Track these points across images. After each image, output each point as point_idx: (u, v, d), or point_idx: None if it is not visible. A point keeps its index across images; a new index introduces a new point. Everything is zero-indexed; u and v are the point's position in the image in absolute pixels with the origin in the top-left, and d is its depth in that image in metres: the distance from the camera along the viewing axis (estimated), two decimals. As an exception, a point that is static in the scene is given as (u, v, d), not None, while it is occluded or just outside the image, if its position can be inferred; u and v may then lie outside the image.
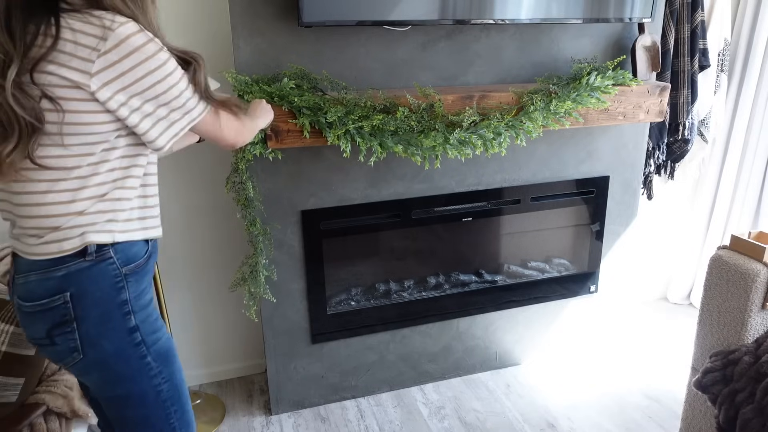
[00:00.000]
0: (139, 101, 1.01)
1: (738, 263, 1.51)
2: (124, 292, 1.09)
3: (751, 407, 1.36)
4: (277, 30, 1.76)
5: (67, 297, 1.04)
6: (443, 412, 2.17)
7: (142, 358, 1.12)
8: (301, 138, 1.72)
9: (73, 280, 1.04)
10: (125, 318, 1.09)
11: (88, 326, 1.06)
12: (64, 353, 1.08)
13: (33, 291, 1.05)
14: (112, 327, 1.08)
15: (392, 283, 2.24)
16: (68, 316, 1.05)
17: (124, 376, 1.12)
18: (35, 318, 1.06)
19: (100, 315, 1.07)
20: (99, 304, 1.06)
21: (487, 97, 1.86)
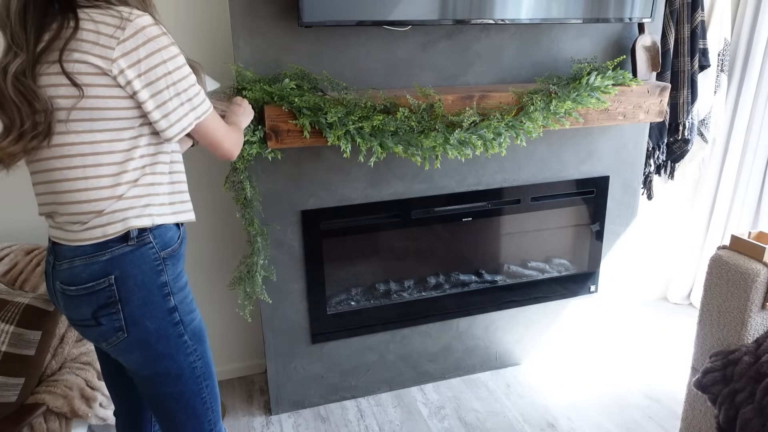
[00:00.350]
0: (152, 89, 1.07)
1: (738, 263, 1.51)
2: (164, 274, 1.15)
3: (751, 407, 1.36)
4: (277, 30, 1.76)
5: (111, 280, 1.10)
6: (443, 412, 2.18)
7: (180, 336, 1.19)
8: (301, 138, 1.72)
9: (117, 263, 1.10)
10: (165, 299, 1.16)
11: (132, 307, 1.12)
12: (109, 333, 1.14)
13: (78, 275, 1.10)
14: (153, 308, 1.14)
15: (392, 283, 2.24)
16: (113, 298, 1.11)
17: (164, 353, 1.18)
18: (81, 301, 1.12)
19: (142, 297, 1.13)
20: (141, 287, 1.12)
21: (487, 97, 1.86)
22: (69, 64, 1.02)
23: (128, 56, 1.03)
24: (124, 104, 1.06)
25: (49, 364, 1.58)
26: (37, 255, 1.74)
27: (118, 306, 1.12)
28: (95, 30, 1.02)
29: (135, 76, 1.04)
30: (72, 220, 1.10)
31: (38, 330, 1.52)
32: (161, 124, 1.10)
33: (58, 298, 1.17)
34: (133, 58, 1.03)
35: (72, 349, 1.61)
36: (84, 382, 1.55)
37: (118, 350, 1.17)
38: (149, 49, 1.04)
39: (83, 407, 1.53)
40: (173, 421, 1.25)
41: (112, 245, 1.10)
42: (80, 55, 1.02)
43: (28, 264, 1.72)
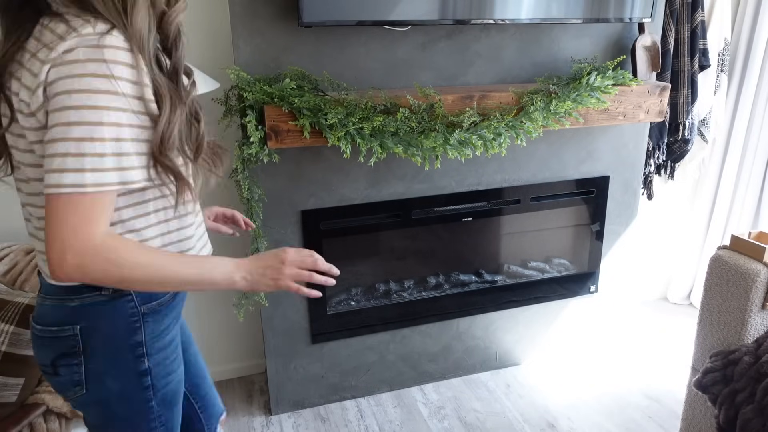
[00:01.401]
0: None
1: (738, 263, 1.51)
2: (140, 333, 1.01)
3: (752, 407, 1.36)
4: (277, 30, 1.76)
5: (77, 330, 0.97)
6: (443, 412, 2.17)
7: (147, 402, 1.05)
8: (301, 138, 1.72)
9: (86, 313, 0.97)
10: (137, 360, 1.02)
11: (96, 363, 0.99)
12: (67, 385, 1.01)
13: (45, 315, 0.99)
14: (120, 367, 1.01)
15: (392, 283, 2.24)
16: (76, 349, 0.98)
17: (123, 417, 1.05)
18: (43, 343, 1.00)
19: (110, 353, 1.00)
20: (110, 342, 1.00)
21: (487, 97, 1.86)
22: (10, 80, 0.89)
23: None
24: None
25: (49, 364, 1.58)
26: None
27: (81, 358, 0.98)
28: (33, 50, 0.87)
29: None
30: (44, 257, 0.90)
31: (38, 330, 1.52)
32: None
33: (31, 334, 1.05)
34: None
35: (72, 349, 1.61)
36: (84, 382, 1.55)
37: (74, 404, 1.05)
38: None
39: (83, 407, 1.53)
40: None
41: (84, 291, 0.96)
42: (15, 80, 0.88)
43: (28, 264, 1.72)
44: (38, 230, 0.98)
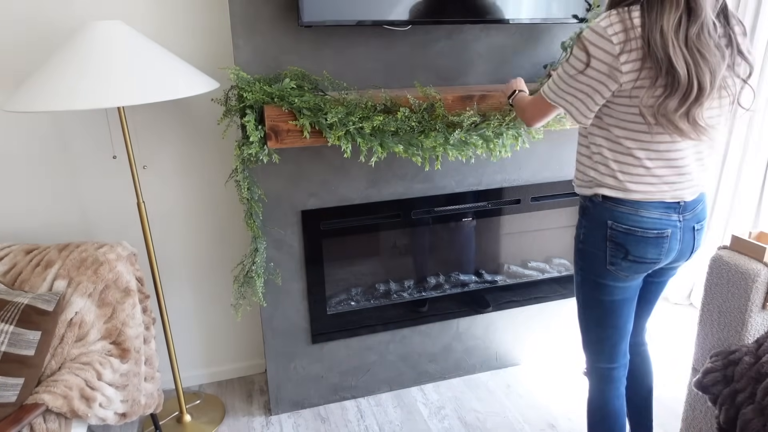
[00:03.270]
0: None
1: (738, 263, 1.50)
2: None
3: (752, 407, 1.36)
4: (277, 30, 1.76)
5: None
6: (443, 412, 2.17)
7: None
8: (301, 138, 1.72)
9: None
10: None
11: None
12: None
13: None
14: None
15: (392, 283, 2.24)
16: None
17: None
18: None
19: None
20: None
21: (487, 97, 1.86)
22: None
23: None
24: None
25: (49, 364, 1.57)
26: (36, 255, 1.74)
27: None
28: None
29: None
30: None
31: (38, 330, 1.52)
32: None
33: (695, 237, 1.40)
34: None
35: (71, 349, 1.60)
36: (84, 382, 1.55)
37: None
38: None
39: (83, 407, 1.53)
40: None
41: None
42: None
43: (28, 264, 1.72)
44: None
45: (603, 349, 1.52)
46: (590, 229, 1.40)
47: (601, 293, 1.44)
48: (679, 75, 1.18)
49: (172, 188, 2.09)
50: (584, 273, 1.46)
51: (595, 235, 1.39)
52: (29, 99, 1.46)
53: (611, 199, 1.35)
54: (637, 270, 1.39)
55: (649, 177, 1.32)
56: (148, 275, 2.08)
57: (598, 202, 1.37)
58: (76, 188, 1.99)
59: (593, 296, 1.46)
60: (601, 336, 1.50)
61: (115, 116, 1.94)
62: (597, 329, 1.50)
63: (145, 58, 1.57)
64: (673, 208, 1.34)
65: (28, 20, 1.77)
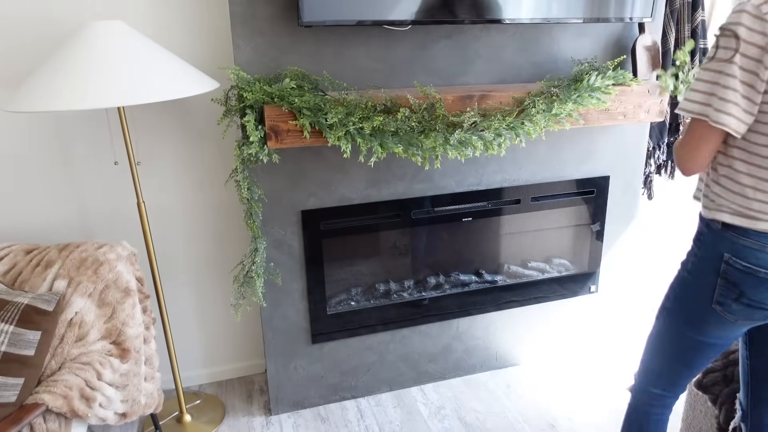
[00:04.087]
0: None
1: (738, 263, 1.50)
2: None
3: (752, 407, 1.36)
4: (277, 30, 1.76)
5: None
6: (443, 412, 2.17)
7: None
8: (301, 138, 1.72)
9: None
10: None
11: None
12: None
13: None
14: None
15: (392, 283, 2.24)
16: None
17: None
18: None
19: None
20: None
21: (487, 97, 1.86)
22: None
23: None
24: None
25: (49, 364, 1.57)
26: (36, 255, 1.74)
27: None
28: None
29: None
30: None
31: (38, 330, 1.52)
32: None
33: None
34: None
35: (71, 349, 1.60)
36: (84, 382, 1.55)
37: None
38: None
39: (83, 407, 1.53)
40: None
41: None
42: None
43: (28, 264, 1.72)
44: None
45: (667, 381, 1.36)
46: (701, 260, 1.18)
47: (694, 330, 1.23)
48: None
49: (172, 188, 2.09)
50: (680, 303, 1.25)
51: (706, 268, 1.17)
52: (29, 99, 1.46)
53: (733, 228, 1.12)
54: (751, 316, 1.15)
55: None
56: (148, 275, 2.08)
57: (716, 230, 1.14)
58: (76, 188, 1.99)
59: (681, 330, 1.26)
60: (671, 369, 1.32)
61: (115, 116, 1.94)
62: (670, 362, 1.31)
63: (145, 58, 1.57)
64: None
65: (29, 20, 1.77)
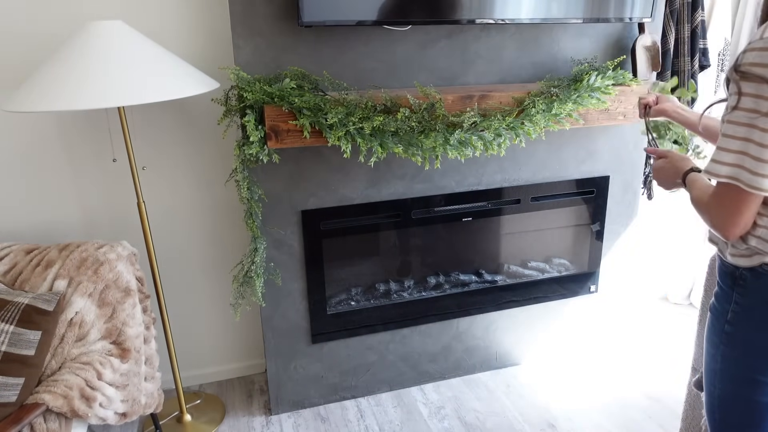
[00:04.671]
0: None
1: (738, 263, 1.50)
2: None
3: (752, 407, 1.36)
4: (277, 30, 1.76)
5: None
6: (443, 412, 2.17)
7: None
8: (301, 138, 1.72)
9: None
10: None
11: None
12: None
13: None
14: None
15: (392, 283, 2.24)
16: None
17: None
18: None
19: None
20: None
21: (487, 97, 1.86)
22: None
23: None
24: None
25: (49, 364, 1.58)
26: (37, 255, 1.74)
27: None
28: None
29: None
30: None
31: (38, 330, 1.52)
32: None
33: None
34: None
35: (72, 349, 1.61)
36: (84, 382, 1.55)
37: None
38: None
39: (83, 407, 1.53)
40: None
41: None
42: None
43: (28, 264, 1.72)
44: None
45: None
46: (747, 307, 1.06)
47: (757, 392, 1.09)
48: None
49: (172, 188, 2.09)
50: (731, 363, 1.11)
51: (757, 316, 1.05)
52: (29, 99, 1.47)
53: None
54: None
55: None
56: (148, 275, 2.08)
57: (762, 273, 1.03)
58: (76, 188, 1.99)
59: (742, 394, 1.11)
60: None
61: (115, 116, 1.94)
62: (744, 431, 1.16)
63: (145, 58, 1.57)
64: None
65: (29, 20, 1.77)
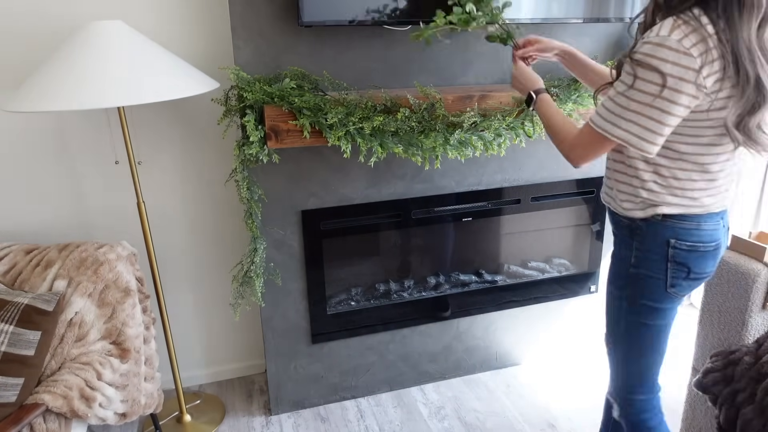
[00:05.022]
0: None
1: (738, 263, 1.50)
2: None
3: (752, 407, 1.36)
4: (277, 30, 1.76)
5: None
6: (443, 412, 2.17)
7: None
8: (301, 138, 1.72)
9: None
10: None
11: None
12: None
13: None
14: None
15: (392, 283, 2.24)
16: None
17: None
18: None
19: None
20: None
21: (487, 97, 1.86)
22: None
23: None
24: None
25: (49, 364, 1.57)
26: (36, 255, 1.74)
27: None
28: None
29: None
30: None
31: (38, 330, 1.52)
32: None
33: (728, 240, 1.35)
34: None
35: (71, 349, 1.60)
36: (84, 382, 1.55)
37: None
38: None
39: (83, 407, 1.53)
40: None
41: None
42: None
43: (27, 264, 1.72)
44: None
45: (645, 379, 1.43)
46: (645, 251, 1.29)
47: (654, 318, 1.35)
48: (765, 90, 1.07)
49: (172, 188, 2.09)
50: (634, 299, 1.34)
51: (653, 257, 1.28)
52: (29, 99, 1.46)
53: (673, 217, 1.24)
54: (693, 287, 1.32)
55: (712, 189, 1.22)
56: (148, 275, 2.08)
57: (656, 222, 1.26)
58: (76, 188, 1.99)
59: (642, 322, 1.36)
60: (645, 365, 1.41)
61: (115, 116, 1.94)
62: (641, 359, 1.41)
63: (145, 58, 1.57)
64: (720, 216, 1.28)
65: (29, 20, 1.77)
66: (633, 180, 1.27)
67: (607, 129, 1.17)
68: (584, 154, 1.26)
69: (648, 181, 1.24)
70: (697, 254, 1.26)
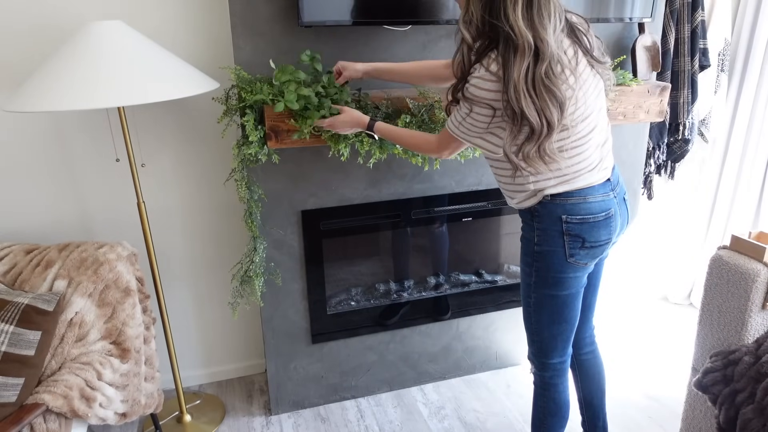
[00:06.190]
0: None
1: (738, 263, 1.50)
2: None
3: (752, 407, 1.36)
4: (277, 30, 1.76)
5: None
6: (443, 412, 2.17)
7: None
8: (301, 138, 1.72)
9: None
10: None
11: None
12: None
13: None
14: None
15: (392, 283, 2.24)
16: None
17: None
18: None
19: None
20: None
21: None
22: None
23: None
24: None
25: (49, 364, 1.57)
26: (36, 255, 1.74)
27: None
28: None
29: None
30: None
31: (38, 330, 1.52)
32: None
33: (627, 209, 1.52)
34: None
35: (72, 349, 1.60)
36: (84, 382, 1.55)
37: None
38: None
39: (83, 407, 1.53)
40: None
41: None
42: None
43: (28, 264, 1.72)
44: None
45: (557, 345, 1.58)
46: (544, 229, 1.45)
47: (560, 288, 1.49)
48: (531, 122, 1.24)
49: (172, 188, 2.09)
50: (541, 272, 1.49)
51: (551, 233, 1.43)
52: (30, 99, 1.46)
53: (560, 195, 1.40)
54: (594, 255, 1.46)
55: (583, 162, 1.38)
56: (148, 275, 2.08)
57: (546, 203, 1.42)
58: (76, 188, 1.99)
59: (550, 293, 1.50)
60: (556, 332, 1.55)
61: (115, 116, 1.94)
62: (552, 326, 1.55)
63: (145, 58, 1.57)
64: (608, 187, 1.43)
65: (29, 20, 1.77)
66: (518, 179, 1.42)
67: (462, 135, 1.40)
68: (442, 149, 1.51)
69: (530, 175, 1.40)
70: (588, 225, 1.41)
